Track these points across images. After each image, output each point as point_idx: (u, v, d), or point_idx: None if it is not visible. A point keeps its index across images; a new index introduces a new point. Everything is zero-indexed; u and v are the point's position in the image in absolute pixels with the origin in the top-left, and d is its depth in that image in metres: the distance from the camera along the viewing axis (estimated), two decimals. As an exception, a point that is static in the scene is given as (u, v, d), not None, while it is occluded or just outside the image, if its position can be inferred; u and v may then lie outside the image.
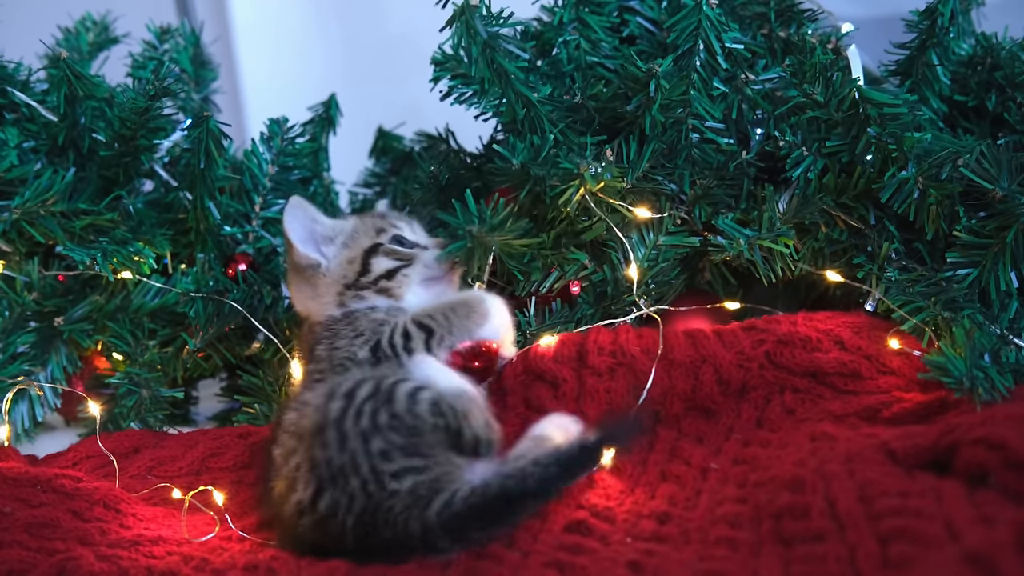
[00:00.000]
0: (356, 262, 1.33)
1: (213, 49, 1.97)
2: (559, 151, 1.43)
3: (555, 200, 1.40)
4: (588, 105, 1.50)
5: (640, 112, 1.45)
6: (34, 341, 1.56)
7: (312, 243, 1.34)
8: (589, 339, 1.39)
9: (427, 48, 1.53)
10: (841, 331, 1.36)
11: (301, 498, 1.11)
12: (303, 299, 1.36)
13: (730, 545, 1.04)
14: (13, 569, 1.06)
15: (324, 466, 1.10)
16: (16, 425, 1.54)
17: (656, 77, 1.40)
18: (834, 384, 1.33)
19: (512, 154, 1.45)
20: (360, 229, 1.36)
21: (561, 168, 1.39)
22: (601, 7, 1.53)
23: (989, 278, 1.32)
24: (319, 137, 1.80)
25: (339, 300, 1.32)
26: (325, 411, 1.12)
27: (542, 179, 1.41)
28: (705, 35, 1.43)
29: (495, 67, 1.45)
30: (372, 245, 1.34)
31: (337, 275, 1.33)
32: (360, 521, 1.08)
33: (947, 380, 1.20)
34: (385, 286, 1.32)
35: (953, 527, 0.89)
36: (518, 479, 1.09)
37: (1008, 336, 1.29)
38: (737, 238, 1.40)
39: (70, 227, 1.53)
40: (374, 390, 1.14)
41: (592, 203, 1.40)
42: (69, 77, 1.51)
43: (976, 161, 1.32)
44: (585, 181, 1.37)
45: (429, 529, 1.06)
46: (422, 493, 1.08)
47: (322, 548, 1.10)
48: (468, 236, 1.36)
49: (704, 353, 1.36)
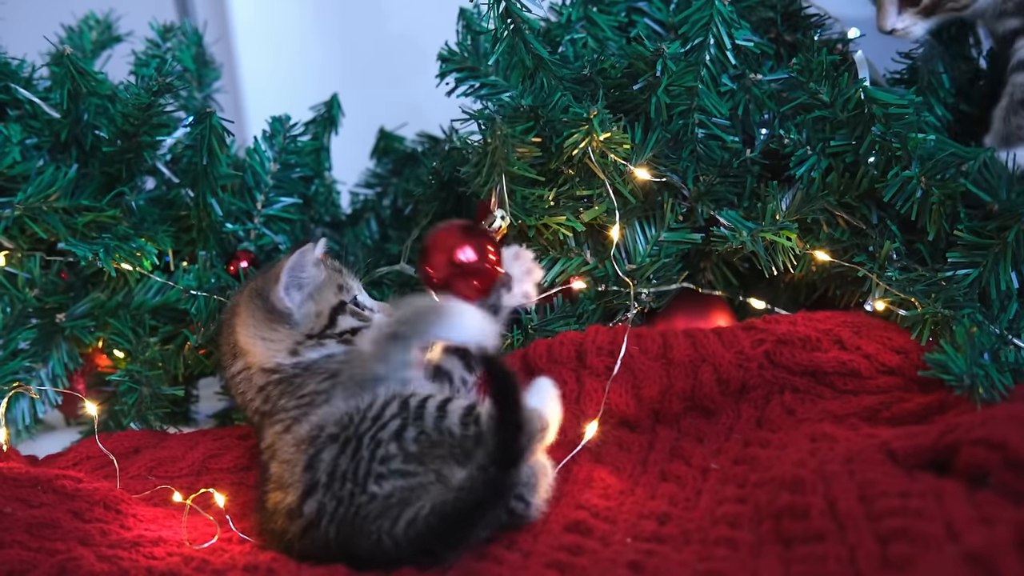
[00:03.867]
0: (323, 317, 1.30)
1: (214, 49, 1.97)
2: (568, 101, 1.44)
3: (560, 149, 1.40)
4: (596, 80, 1.50)
5: (646, 95, 1.44)
6: (35, 338, 1.56)
7: (296, 292, 1.29)
8: (587, 339, 1.39)
9: (428, 48, 1.54)
10: (840, 331, 1.36)
11: (290, 501, 1.12)
12: (253, 335, 1.29)
13: (730, 545, 1.04)
14: (13, 569, 1.06)
15: (323, 469, 1.11)
16: (16, 423, 1.54)
17: (663, 57, 1.40)
18: (833, 384, 1.33)
19: (520, 99, 1.44)
20: (326, 283, 1.32)
21: (571, 112, 1.39)
22: (610, 6, 1.53)
23: (990, 278, 1.32)
24: (321, 136, 1.80)
25: (294, 349, 1.28)
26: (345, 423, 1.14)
27: (550, 123, 1.41)
28: (716, 30, 1.43)
29: (509, 20, 1.44)
30: (339, 303, 1.31)
31: (302, 326, 1.29)
32: (340, 531, 1.08)
33: (947, 377, 1.20)
34: (348, 339, 1.30)
35: (953, 527, 0.89)
36: (466, 490, 1.06)
37: (1008, 336, 1.29)
38: (740, 229, 1.40)
39: (72, 223, 1.52)
40: (401, 408, 1.14)
41: (595, 161, 1.39)
42: (72, 74, 1.51)
43: (978, 171, 1.33)
44: (594, 128, 1.37)
45: (399, 546, 1.06)
46: (393, 502, 1.07)
47: (312, 558, 1.10)
48: (490, 132, 1.35)
49: (703, 353, 1.36)
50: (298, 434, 1.18)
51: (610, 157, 1.39)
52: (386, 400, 1.16)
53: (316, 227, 1.81)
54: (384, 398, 1.16)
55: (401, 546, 1.06)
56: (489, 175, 1.39)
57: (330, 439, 1.14)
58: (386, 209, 1.86)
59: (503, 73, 1.49)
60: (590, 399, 1.34)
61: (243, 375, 1.29)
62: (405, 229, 1.74)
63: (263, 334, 1.28)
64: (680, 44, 1.44)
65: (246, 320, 1.29)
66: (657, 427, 1.35)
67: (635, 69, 1.45)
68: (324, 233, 1.80)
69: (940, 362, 1.21)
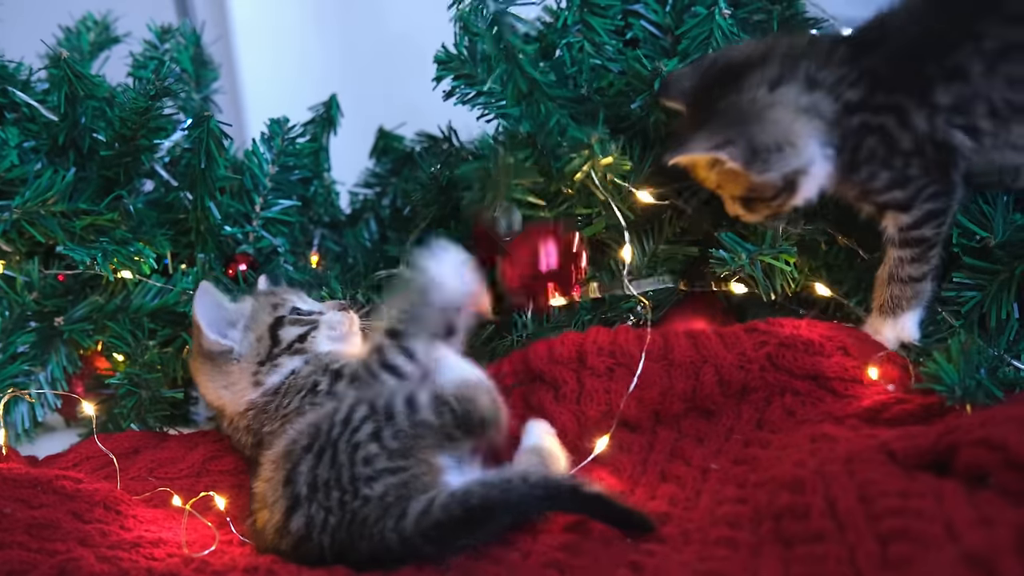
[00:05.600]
0: (264, 339, 1.32)
1: (213, 49, 1.97)
2: (566, 123, 1.44)
3: (560, 173, 1.40)
4: (594, 99, 1.50)
5: (645, 113, 1.44)
6: (34, 341, 1.56)
7: (221, 330, 1.32)
8: (588, 339, 1.39)
9: (427, 48, 1.53)
10: (845, 339, 1.36)
11: (276, 520, 1.12)
12: (216, 389, 1.33)
13: (730, 545, 1.04)
14: (14, 570, 1.06)
15: (303, 481, 1.11)
16: (16, 425, 1.54)
17: (662, 75, 1.40)
18: (835, 389, 1.33)
19: (518, 124, 1.45)
20: (257, 309, 1.35)
21: (570, 136, 1.40)
22: (605, 10, 1.53)
23: (992, 305, 1.32)
24: (320, 137, 1.80)
25: (255, 381, 1.30)
26: (314, 433, 1.14)
27: (550, 149, 1.41)
28: (717, 44, 1.43)
29: (502, 44, 1.44)
30: (275, 320, 1.33)
31: (250, 356, 1.31)
32: (335, 539, 1.08)
33: (939, 388, 1.20)
34: (299, 347, 1.32)
35: (953, 528, 0.88)
36: (502, 490, 1.08)
37: (1006, 358, 1.28)
38: (739, 252, 1.40)
39: (70, 227, 1.52)
40: (370, 411, 1.14)
41: (597, 182, 1.39)
42: (70, 77, 1.51)
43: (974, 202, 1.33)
44: (595, 152, 1.37)
45: (407, 539, 1.06)
46: (391, 500, 1.07)
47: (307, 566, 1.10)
48: (493, 159, 1.36)
49: (705, 354, 1.36)
50: (275, 451, 1.18)
51: (610, 178, 1.39)
52: (352, 404, 1.16)
53: (315, 228, 1.81)
54: (349, 402, 1.17)
55: (410, 540, 1.06)
56: (492, 201, 1.39)
57: (303, 451, 1.14)
58: (385, 209, 1.86)
59: (500, 83, 1.49)
60: (590, 399, 1.34)
61: (231, 428, 1.33)
62: (404, 230, 1.74)
63: (222, 384, 1.32)
64: (679, 60, 1.43)
65: (203, 382, 1.34)
66: (657, 428, 1.34)
67: (633, 87, 1.45)
68: (323, 234, 1.80)
69: (932, 373, 1.21)
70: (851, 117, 1.27)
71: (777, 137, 1.26)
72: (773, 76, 1.28)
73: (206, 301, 1.31)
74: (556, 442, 1.25)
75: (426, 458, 1.11)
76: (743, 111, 1.27)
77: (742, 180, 1.28)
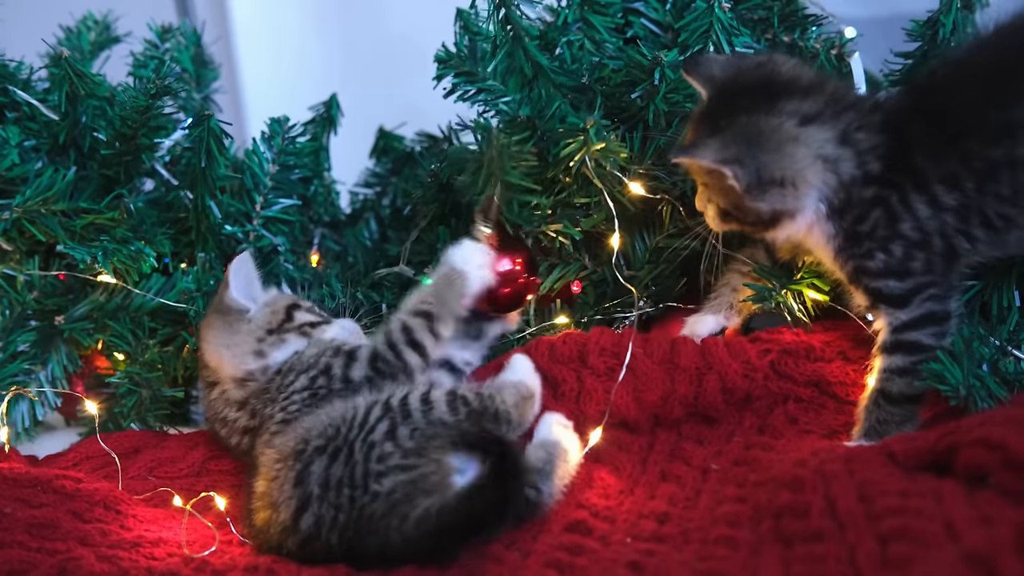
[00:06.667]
0: (279, 313, 1.36)
1: (213, 49, 1.97)
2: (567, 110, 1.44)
3: (557, 159, 1.40)
4: (595, 88, 1.50)
5: (645, 103, 1.44)
6: (35, 340, 1.56)
7: (245, 292, 1.36)
8: (591, 339, 1.39)
9: (427, 48, 1.53)
10: (843, 342, 1.36)
11: (284, 519, 1.12)
12: (218, 347, 1.35)
13: (730, 545, 1.04)
14: (14, 569, 1.06)
15: (315, 482, 1.11)
16: (16, 424, 1.54)
17: (661, 65, 1.40)
18: (836, 394, 1.34)
19: (518, 108, 1.45)
20: (279, 296, 1.41)
21: (568, 122, 1.40)
22: (606, 8, 1.53)
23: (992, 293, 1.31)
24: (320, 137, 1.80)
25: (258, 349, 1.33)
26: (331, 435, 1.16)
27: (548, 133, 1.41)
28: (716, 38, 1.43)
29: (509, 27, 1.44)
30: (293, 303, 1.38)
31: (260, 322, 1.34)
32: (344, 537, 1.09)
33: (943, 388, 1.19)
34: (307, 331, 1.36)
35: (953, 527, 0.89)
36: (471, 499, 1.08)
37: (1007, 348, 1.27)
38: (773, 282, 1.38)
39: (71, 226, 1.52)
40: (385, 409, 1.17)
41: (592, 169, 1.39)
42: (70, 76, 1.50)
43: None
44: (590, 138, 1.37)
45: (409, 540, 1.07)
46: (398, 498, 1.08)
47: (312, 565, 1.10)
48: (487, 143, 1.36)
49: (711, 361, 1.36)
50: (282, 449, 1.18)
51: (607, 166, 1.39)
52: (367, 406, 1.18)
53: (315, 227, 1.81)
54: (365, 405, 1.18)
55: (411, 541, 1.07)
56: (485, 184, 1.39)
57: (317, 451, 1.14)
58: (385, 208, 1.86)
59: (501, 78, 1.49)
60: (589, 398, 1.34)
61: (221, 397, 1.34)
62: (404, 229, 1.73)
63: (225, 342, 1.34)
64: (679, 52, 1.43)
65: (208, 337, 1.36)
66: (657, 430, 1.34)
67: (633, 77, 1.45)
68: (324, 234, 1.80)
69: (936, 372, 1.20)
70: (866, 188, 1.21)
71: (786, 174, 1.20)
72: (809, 112, 1.20)
73: (242, 267, 1.37)
74: (569, 433, 1.25)
75: (438, 457, 1.12)
76: (764, 135, 1.20)
77: (732, 196, 1.22)
